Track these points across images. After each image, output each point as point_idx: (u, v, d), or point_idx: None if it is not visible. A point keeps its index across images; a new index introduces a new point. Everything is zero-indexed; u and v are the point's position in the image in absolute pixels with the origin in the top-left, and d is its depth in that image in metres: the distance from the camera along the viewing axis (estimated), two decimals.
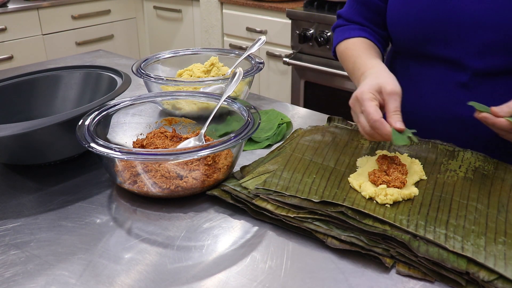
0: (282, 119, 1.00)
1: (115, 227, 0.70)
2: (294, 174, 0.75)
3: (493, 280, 0.55)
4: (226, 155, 0.78)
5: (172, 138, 0.85)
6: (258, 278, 0.59)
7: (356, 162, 0.80)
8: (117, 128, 0.88)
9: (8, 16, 2.62)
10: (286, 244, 0.66)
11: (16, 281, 0.59)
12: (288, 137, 0.92)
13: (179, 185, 0.73)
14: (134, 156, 0.69)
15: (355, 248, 0.62)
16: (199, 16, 2.92)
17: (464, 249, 0.59)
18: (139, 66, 1.07)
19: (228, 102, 0.86)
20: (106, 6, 3.07)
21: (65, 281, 0.59)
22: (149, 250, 0.65)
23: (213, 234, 0.68)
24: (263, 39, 1.14)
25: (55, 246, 0.66)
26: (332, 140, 0.87)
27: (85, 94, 1.01)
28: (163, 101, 0.97)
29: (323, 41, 2.18)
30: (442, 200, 0.69)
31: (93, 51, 1.64)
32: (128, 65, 1.38)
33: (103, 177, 0.83)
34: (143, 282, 0.59)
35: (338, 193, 0.70)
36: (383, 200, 0.68)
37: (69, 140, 0.80)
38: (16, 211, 0.74)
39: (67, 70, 1.02)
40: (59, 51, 2.86)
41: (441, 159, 0.80)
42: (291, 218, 0.67)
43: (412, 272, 0.60)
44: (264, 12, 2.52)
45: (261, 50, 2.56)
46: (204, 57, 1.20)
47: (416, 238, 0.61)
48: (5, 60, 2.65)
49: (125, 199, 0.77)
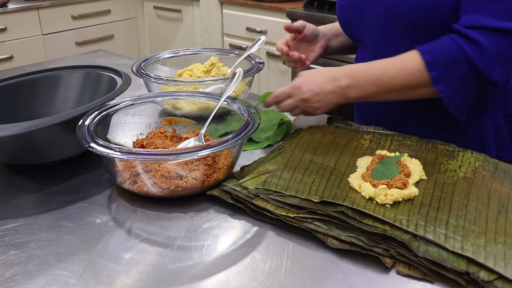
0: (282, 119, 1.00)
1: (115, 227, 0.70)
2: (294, 174, 0.75)
3: (493, 280, 0.55)
4: (226, 155, 0.78)
5: (172, 138, 0.85)
6: (258, 278, 0.59)
7: (356, 162, 0.80)
8: (117, 128, 0.88)
9: (8, 16, 2.62)
10: (286, 244, 0.66)
11: (16, 281, 0.59)
12: (288, 137, 0.92)
13: (179, 185, 0.73)
14: (134, 156, 0.69)
15: (355, 248, 0.62)
16: (199, 16, 2.92)
17: (464, 249, 0.59)
18: (139, 66, 1.07)
19: (228, 102, 0.86)
20: (106, 6, 3.07)
21: (65, 281, 0.59)
22: (149, 250, 0.65)
23: (213, 234, 0.68)
24: (263, 39, 1.14)
25: (55, 246, 0.66)
26: (332, 140, 0.87)
27: (85, 94, 1.01)
28: (163, 101, 0.97)
29: None
30: (442, 200, 0.69)
31: (93, 51, 1.64)
32: (128, 65, 1.38)
33: (103, 177, 0.83)
34: (143, 282, 0.59)
35: (338, 193, 0.70)
36: (383, 200, 0.68)
37: (69, 140, 0.80)
38: (16, 211, 0.74)
39: (67, 70, 1.02)
40: (59, 51, 2.86)
41: (441, 159, 0.80)
42: (291, 218, 0.67)
43: (412, 272, 0.60)
44: (264, 12, 2.52)
45: (261, 50, 2.56)
46: (204, 57, 1.20)
47: (416, 238, 0.61)
48: (5, 60, 2.65)
49: (125, 199, 0.77)
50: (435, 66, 0.81)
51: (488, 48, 0.78)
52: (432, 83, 0.82)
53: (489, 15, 0.78)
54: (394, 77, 0.85)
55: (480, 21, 0.78)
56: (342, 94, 0.88)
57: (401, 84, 0.85)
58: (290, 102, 0.90)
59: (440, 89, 0.82)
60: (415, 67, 0.83)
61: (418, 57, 0.83)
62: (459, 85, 0.82)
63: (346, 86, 0.87)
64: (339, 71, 0.88)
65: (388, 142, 0.86)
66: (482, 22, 0.78)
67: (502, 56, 0.79)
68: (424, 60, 0.82)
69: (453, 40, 0.81)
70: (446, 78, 0.81)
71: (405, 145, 0.85)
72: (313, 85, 0.88)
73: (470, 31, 0.79)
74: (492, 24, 0.78)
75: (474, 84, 0.82)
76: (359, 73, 0.87)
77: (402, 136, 0.89)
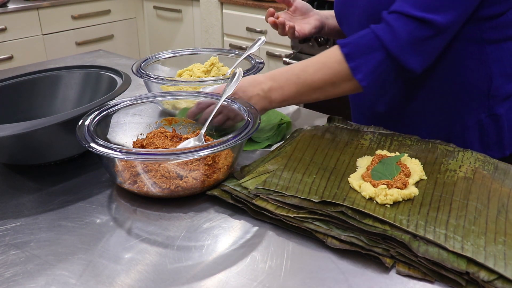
0: (282, 119, 1.00)
1: (115, 227, 0.70)
2: (294, 174, 0.75)
3: (493, 280, 0.55)
4: (226, 155, 0.78)
5: (172, 138, 0.85)
6: (258, 278, 0.59)
7: (356, 162, 0.80)
8: (117, 128, 0.88)
9: (8, 16, 2.62)
10: (286, 244, 0.66)
11: (16, 281, 0.59)
12: (288, 137, 0.92)
13: (179, 185, 0.73)
14: (134, 156, 0.69)
15: (355, 248, 0.62)
16: (199, 16, 2.92)
17: (464, 249, 0.59)
18: (139, 66, 1.07)
19: (228, 102, 0.86)
20: (106, 6, 3.07)
21: (65, 281, 0.59)
22: (149, 250, 0.65)
23: (213, 234, 0.68)
24: (263, 39, 1.14)
25: (55, 246, 0.66)
26: (332, 140, 0.87)
27: (85, 94, 1.01)
28: (163, 101, 0.97)
29: (323, 41, 2.18)
30: (442, 200, 0.69)
31: (93, 51, 1.64)
32: (128, 65, 1.38)
33: (103, 177, 0.83)
34: (143, 282, 0.59)
35: (338, 193, 0.70)
36: (383, 200, 0.68)
37: (69, 140, 0.80)
38: (16, 211, 0.74)
39: (67, 70, 1.02)
40: (59, 51, 2.86)
41: (441, 159, 0.80)
42: (291, 218, 0.67)
43: (412, 272, 0.60)
44: (264, 12, 2.52)
45: (261, 50, 2.56)
46: (204, 57, 1.20)
47: (416, 238, 0.61)
48: (5, 60, 2.65)
49: (125, 199, 0.77)
50: (352, 56, 0.83)
51: (400, 33, 0.80)
52: (352, 73, 0.83)
53: (410, 3, 0.80)
54: (313, 73, 0.85)
55: (401, 7, 0.81)
56: (266, 97, 0.88)
57: (322, 79, 0.85)
58: (212, 108, 0.87)
59: (359, 78, 0.83)
60: (334, 60, 0.84)
61: (337, 50, 0.84)
62: (377, 72, 0.83)
63: (269, 88, 0.87)
64: (262, 76, 0.89)
65: (388, 142, 0.86)
66: (402, 8, 0.81)
67: (415, 44, 0.81)
68: (342, 53, 0.83)
69: (370, 29, 0.83)
70: (364, 66, 0.82)
71: (405, 145, 0.85)
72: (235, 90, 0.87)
73: (390, 15, 0.82)
74: (409, 11, 0.80)
75: (391, 71, 0.83)
76: (280, 74, 0.88)
77: (402, 136, 0.89)
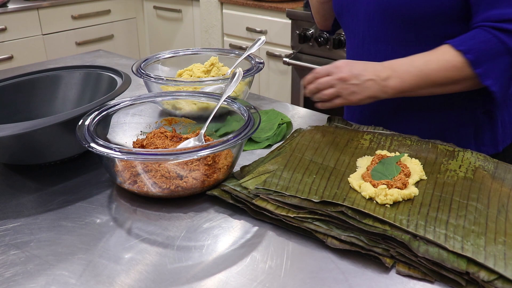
0: (282, 119, 1.00)
1: (115, 227, 0.70)
2: (294, 174, 0.75)
3: (493, 280, 0.55)
4: (226, 155, 0.78)
5: (172, 138, 0.85)
6: (258, 278, 0.59)
7: (356, 162, 0.80)
8: (117, 128, 0.88)
9: (8, 16, 2.62)
10: (286, 244, 0.66)
11: (16, 281, 0.59)
12: (288, 137, 0.92)
13: (179, 185, 0.73)
14: (134, 156, 0.69)
15: (355, 248, 0.62)
16: (199, 16, 2.92)
17: (464, 249, 0.59)
18: (139, 66, 1.07)
19: (228, 102, 0.86)
20: (106, 6, 3.07)
21: (65, 281, 0.59)
22: (149, 250, 0.65)
23: (213, 234, 0.68)
24: (263, 39, 1.14)
25: (55, 246, 0.66)
26: (332, 140, 0.87)
27: (85, 94, 1.01)
28: (163, 101, 0.97)
29: (323, 41, 2.18)
30: (442, 200, 0.69)
31: (93, 51, 1.64)
32: (128, 65, 1.38)
33: (103, 177, 0.83)
34: (143, 282, 0.59)
35: (338, 193, 0.70)
36: (383, 200, 0.68)
37: (69, 140, 0.80)
38: (16, 211, 0.74)
39: (67, 70, 1.02)
40: (59, 51, 2.86)
41: (441, 159, 0.80)
42: (291, 218, 0.67)
43: (412, 272, 0.60)
44: (264, 12, 2.52)
45: (261, 50, 2.55)
46: (204, 57, 1.20)
47: (416, 238, 0.61)
48: (5, 60, 2.65)
49: (125, 199, 0.77)
50: (479, 62, 0.82)
51: None
52: (480, 79, 0.83)
53: None
54: (437, 69, 0.85)
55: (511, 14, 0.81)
56: (381, 84, 0.87)
57: (445, 77, 0.85)
58: (327, 79, 0.88)
59: (489, 83, 0.83)
60: (456, 64, 0.84)
61: (456, 53, 0.84)
62: (506, 76, 0.84)
63: (386, 77, 0.86)
64: (377, 63, 0.88)
65: (388, 142, 0.86)
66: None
67: None
68: (467, 59, 0.83)
69: (490, 33, 0.82)
70: (493, 73, 0.83)
71: (405, 145, 0.85)
72: (353, 68, 0.87)
73: (504, 24, 0.81)
74: None
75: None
76: (400, 65, 0.87)
77: (402, 136, 0.89)
